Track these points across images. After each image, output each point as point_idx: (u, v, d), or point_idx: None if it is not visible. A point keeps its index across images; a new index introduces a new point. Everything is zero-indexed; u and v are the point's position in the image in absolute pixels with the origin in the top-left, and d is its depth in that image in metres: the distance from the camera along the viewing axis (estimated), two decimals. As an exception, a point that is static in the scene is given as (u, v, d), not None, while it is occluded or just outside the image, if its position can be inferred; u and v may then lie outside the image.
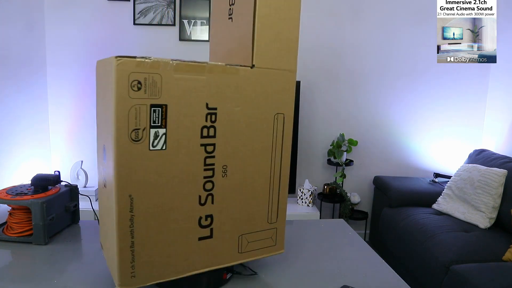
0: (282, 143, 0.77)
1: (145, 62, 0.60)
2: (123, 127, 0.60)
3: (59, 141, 2.53)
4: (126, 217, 0.63)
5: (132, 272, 0.66)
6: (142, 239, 0.65)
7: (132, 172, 0.62)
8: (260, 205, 0.77)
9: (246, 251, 0.78)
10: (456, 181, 2.24)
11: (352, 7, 2.56)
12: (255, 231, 0.78)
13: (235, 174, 0.73)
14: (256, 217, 0.77)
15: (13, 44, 2.11)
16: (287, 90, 0.76)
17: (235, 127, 0.71)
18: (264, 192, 0.77)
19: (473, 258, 1.69)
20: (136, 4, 2.43)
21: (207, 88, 0.66)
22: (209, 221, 0.71)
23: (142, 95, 0.61)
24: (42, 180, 0.97)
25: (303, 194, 2.47)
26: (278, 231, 0.81)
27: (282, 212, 0.81)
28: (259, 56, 0.71)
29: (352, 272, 0.84)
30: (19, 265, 0.85)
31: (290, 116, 0.77)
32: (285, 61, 0.74)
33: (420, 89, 2.68)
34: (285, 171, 0.79)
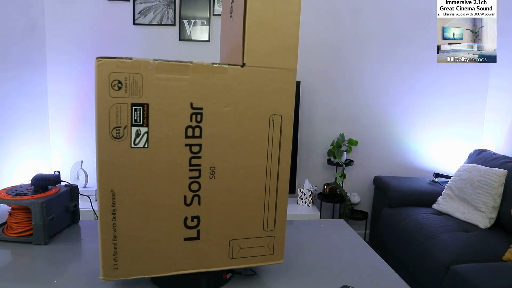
0: (279, 146, 0.72)
1: (125, 62, 0.62)
2: (104, 125, 0.63)
3: (59, 141, 2.53)
4: (108, 211, 0.65)
5: (115, 265, 0.68)
6: (124, 233, 0.67)
7: (113, 168, 0.64)
8: (254, 210, 0.73)
9: (238, 257, 0.75)
10: (456, 181, 2.24)
11: (352, 7, 2.56)
12: (248, 237, 0.74)
13: (224, 177, 0.70)
14: (249, 223, 0.74)
15: (13, 44, 2.11)
16: (285, 90, 0.70)
17: (223, 128, 0.68)
18: (258, 198, 0.73)
19: (473, 258, 1.69)
20: (136, 4, 2.43)
21: (191, 88, 0.65)
22: (196, 222, 0.70)
23: (123, 94, 0.63)
24: (42, 180, 0.97)
25: (303, 194, 2.47)
26: (276, 240, 0.76)
27: (281, 220, 0.76)
28: (250, 54, 0.68)
29: (352, 272, 0.84)
30: (19, 265, 0.85)
31: (289, 117, 0.72)
32: (282, 59, 0.69)
33: (420, 89, 2.68)
34: (284, 176, 0.74)
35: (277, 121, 0.71)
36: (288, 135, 0.73)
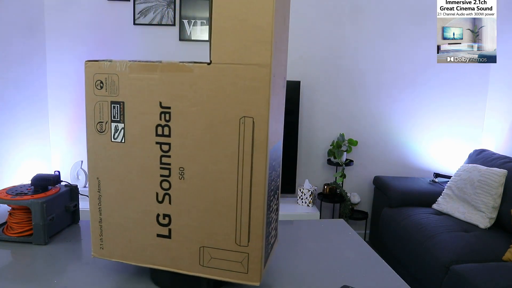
0: (252, 152, 0.64)
1: (105, 64, 0.69)
2: (91, 119, 0.73)
3: (59, 141, 2.53)
4: (95, 196, 0.74)
5: (101, 245, 0.76)
6: (107, 218, 0.74)
7: (98, 159, 0.73)
8: (225, 220, 0.68)
9: (209, 266, 0.70)
10: (456, 181, 2.24)
11: (352, 7, 2.56)
12: (219, 247, 0.69)
13: (193, 179, 0.68)
14: (220, 233, 0.68)
15: (13, 44, 2.11)
16: (257, 89, 0.62)
17: (191, 128, 0.66)
18: (229, 207, 0.67)
19: (473, 258, 1.69)
20: (136, 4, 2.43)
21: (160, 87, 0.67)
22: (167, 220, 0.70)
23: (104, 93, 0.70)
24: (42, 180, 0.97)
25: (303, 194, 2.47)
26: (251, 259, 0.68)
27: (256, 237, 0.67)
28: (217, 50, 0.63)
29: (352, 272, 0.84)
30: (19, 265, 0.85)
31: (262, 120, 0.63)
32: (252, 54, 0.62)
33: (420, 89, 2.68)
34: (258, 189, 0.65)
35: (248, 124, 0.64)
36: (262, 141, 0.64)
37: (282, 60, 0.71)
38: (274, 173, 0.73)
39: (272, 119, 0.65)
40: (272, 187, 0.73)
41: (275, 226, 0.80)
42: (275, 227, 0.79)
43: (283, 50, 0.71)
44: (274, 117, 0.67)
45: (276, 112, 0.69)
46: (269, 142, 0.65)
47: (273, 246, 0.79)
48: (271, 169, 0.70)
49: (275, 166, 0.73)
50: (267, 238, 0.70)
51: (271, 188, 0.72)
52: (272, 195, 0.73)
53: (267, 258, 0.73)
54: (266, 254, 0.72)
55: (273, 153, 0.69)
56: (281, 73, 0.72)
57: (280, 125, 0.75)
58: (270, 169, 0.68)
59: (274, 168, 0.72)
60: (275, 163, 0.72)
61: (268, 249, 0.72)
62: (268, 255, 0.73)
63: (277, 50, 0.65)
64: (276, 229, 0.81)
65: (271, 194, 0.72)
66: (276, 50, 0.64)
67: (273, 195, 0.74)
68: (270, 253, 0.76)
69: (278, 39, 0.65)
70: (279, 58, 0.67)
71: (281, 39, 0.68)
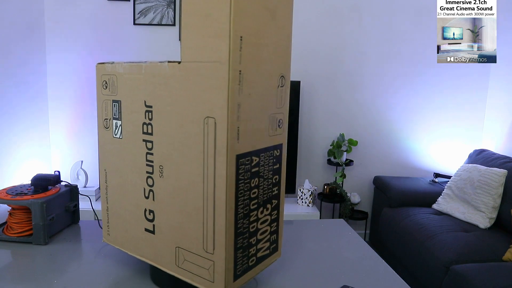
0: (214, 155, 0.61)
1: (108, 65, 0.75)
2: (100, 116, 0.78)
3: (59, 141, 2.53)
4: (104, 186, 0.81)
5: (108, 231, 0.82)
6: (112, 207, 0.80)
7: (105, 152, 0.79)
8: (194, 223, 0.66)
9: (183, 268, 0.69)
10: (456, 181, 2.24)
11: (352, 7, 2.56)
12: (190, 251, 0.67)
13: (170, 178, 0.68)
14: (191, 236, 0.67)
15: (13, 44, 2.12)
16: (216, 87, 0.59)
17: (167, 127, 0.67)
18: (198, 211, 0.65)
19: (473, 258, 1.69)
20: (136, 4, 2.43)
21: (144, 86, 0.69)
22: (152, 216, 0.72)
23: (108, 92, 0.76)
24: (42, 180, 0.97)
25: (303, 194, 2.47)
26: (216, 268, 0.64)
27: (220, 246, 0.63)
28: (185, 48, 0.61)
29: (352, 272, 0.84)
30: (19, 265, 0.85)
31: (223, 121, 0.59)
32: (213, 51, 0.58)
33: (420, 89, 2.68)
34: (220, 195, 0.61)
35: (211, 125, 0.61)
36: (223, 144, 0.60)
37: (271, 58, 0.65)
38: (260, 181, 0.68)
39: (243, 121, 0.61)
40: (259, 195, 0.68)
41: (269, 238, 0.73)
42: (268, 239, 0.73)
43: (270, 46, 0.65)
44: (248, 119, 0.62)
45: (258, 114, 0.64)
46: (238, 145, 0.61)
47: (263, 260, 0.73)
48: (251, 175, 0.65)
49: (262, 172, 0.68)
50: (240, 249, 0.66)
51: (255, 196, 0.67)
52: (258, 204, 0.68)
53: (246, 271, 0.69)
54: (242, 267, 0.67)
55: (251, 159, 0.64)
56: (271, 71, 0.66)
57: (270, 129, 0.69)
58: (247, 175, 0.64)
59: (262, 175, 0.68)
60: (263, 169, 0.68)
61: (245, 261, 0.68)
62: (248, 268, 0.69)
63: (252, 46, 0.60)
64: (271, 241, 0.74)
65: (255, 203, 0.67)
66: (249, 46, 0.59)
67: (261, 205, 0.69)
68: (253, 266, 0.70)
69: (255, 34, 0.60)
70: (259, 55, 0.63)
71: (265, 34, 0.63)
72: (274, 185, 0.73)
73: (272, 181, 0.72)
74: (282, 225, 0.77)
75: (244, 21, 0.58)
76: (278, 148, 0.72)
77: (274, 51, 0.66)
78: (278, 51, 0.67)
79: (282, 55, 0.68)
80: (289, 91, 0.73)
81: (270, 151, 0.70)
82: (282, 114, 0.71)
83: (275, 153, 0.71)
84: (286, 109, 0.73)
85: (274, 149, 0.71)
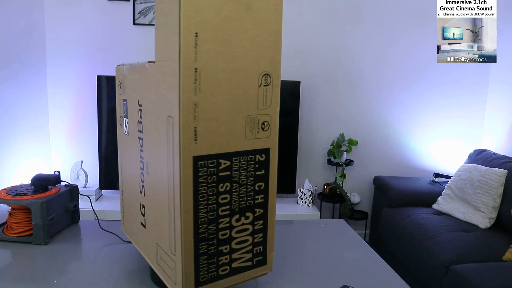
0: (173, 156, 0.60)
1: (121, 67, 0.80)
2: (117, 115, 0.84)
3: (59, 141, 2.53)
4: (120, 179, 0.87)
5: (123, 221, 0.89)
6: (124, 199, 0.87)
7: (120, 148, 0.86)
8: (165, 223, 0.65)
9: (159, 265, 0.69)
10: (456, 181, 2.24)
11: (352, 8, 2.56)
12: (164, 249, 0.67)
13: (152, 175, 0.69)
14: (163, 235, 0.66)
15: (13, 44, 2.11)
16: (172, 87, 0.58)
17: (149, 126, 0.68)
18: (165, 209, 0.65)
19: (473, 258, 1.69)
20: (136, 4, 2.43)
21: (137, 86, 0.73)
22: (144, 211, 0.74)
23: (121, 92, 0.82)
24: (42, 180, 0.97)
25: (303, 194, 2.47)
26: (177, 270, 0.63)
27: (178, 248, 0.62)
28: (157, 46, 0.62)
29: (352, 272, 0.84)
30: (19, 265, 0.85)
31: (177, 121, 0.57)
32: (169, 49, 0.57)
33: (420, 89, 2.68)
34: (177, 195, 0.60)
35: (170, 125, 0.60)
36: (177, 144, 0.58)
37: (246, 54, 0.62)
38: (235, 186, 0.65)
39: (203, 121, 0.59)
40: (232, 201, 0.65)
41: (250, 249, 0.69)
42: (249, 250, 0.69)
43: (244, 42, 0.61)
44: (210, 119, 0.60)
45: (227, 114, 0.61)
46: (195, 147, 0.59)
47: (243, 271, 0.70)
48: (219, 179, 0.62)
49: (237, 177, 0.65)
50: (204, 255, 0.64)
51: (226, 202, 0.64)
52: (231, 211, 0.65)
53: (215, 280, 0.66)
54: (209, 274, 0.65)
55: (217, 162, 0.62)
56: (247, 69, 0.62)
57: (249, 131, 0.65)
58: (212, 179, 0.62)
59: (237, 180, 0.65)
60: (237, 174, 0.65)
61: (212, 269, 0.66)
62: (217, 277, 0.66)
63: (215, 42, 0.58)
64: (255, 253, 0.70)
65: (226, 209, 0.65)
66: (209, 42, 0.57)
67: (237, 212, 0.66)
68: (226, 276, 0.68)
69: (219, 29, 0.58)
70: (227, 52, 0.60)
71: (236, 29, 0.60)
72: (258, 193, 0.68)
73: (254, 188, 0.68)
74: (271, 237, 0.72)
75: (200, 17, 0.56)
76: (263, 153, 0.67)
77: (250, 47, 0.62)
78: (257, 47, 0.63)
79: (264, 52, 0.63)
80: (278, 91, 0.67)
81: (250, 156, 0.66)
82: (268, 116, 0.67)
83: (258, 158, 0.67)
84: (275, 110, 0.68)
85: (256, 154, 0.66)
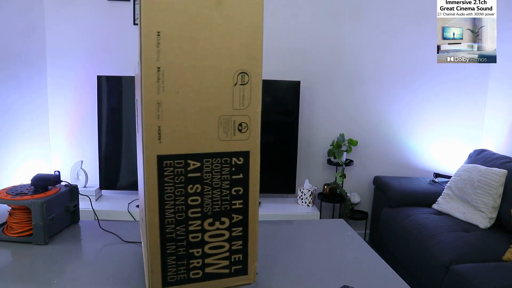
0: (142, 155, 0.62)
1: (135, 67, 0.79)
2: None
3: (59, 141, 2.53)
4: None
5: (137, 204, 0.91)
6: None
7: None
8: (142, 221, 0.73)
9: (144, 262, 0.77)
10: (456, 181, 2.23)
11: (352, 8, 2.56)
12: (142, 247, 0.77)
13: (139, 175, 0.74)
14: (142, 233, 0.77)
15: (13, 44, 2.11)
16: (140, 85, 0.61)
17: (137, 126, 0.72)
18: (142, 209, 0.72)
19: (473, 258, 1.69)
20: (136, 4, 2.43)
21: (137, 87, 0.74)
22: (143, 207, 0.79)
23: (135, 92, 0.77)
24: (42, 180, 0.97)
25: (303, 194, 2.47)
26: (145, 267, 0.67)
27: (145, 246, 0.64)
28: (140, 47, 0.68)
29: (352, 272, 0.84)
30: (19, 265, 0.85)
31: (141, 119, 0.60)
32: (139, 48, 0.60)
33: (420, 89, 2.68)
34: (141, 193, 0.64)
35: (140, 123, 0.63)
36: (141, 142, 0.59)
37: (217, 52, 0.60)
38: (206, 189, 0.63)
39: (167, 121, 0.58)
40: (204, 204, 0.64)
41: (227, 256, 0.68)
42: (226, 257, 0.68)
43: (214, 40, 0.59)
44: (176, 119, 0.59)
45: (196, 114, 0.60)
46: (160, 146, 0.59)
47: (218, 278, 0.69)
48: (187, 180, 0.62)
49: (209, 180, 0.63)
50: (172, 255, 0.64)
51: (197, 204, 0.64)
52: (203, 214, 0.65)
53: (185, 282, 0.66)
54: (178, 276, 0.65)
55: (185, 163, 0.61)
56: (219, 67, 0.60)
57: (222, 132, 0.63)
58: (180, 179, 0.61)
59: (210, 183, 0.63)
60: (209, 176, 0.63)
61: (182, 271, 0.65)
62: (188, 279, 0.66)
63: (180, 41, 0.57)
64: (232, 261, 0.69)
65: (197, 211, 0.64)
66: (173, 41, 0.57)
67: (210, 216, 0.65)
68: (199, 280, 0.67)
69: (184, 27, 0.57)
70: (195, 50, 0.58)
71: (204, 27, 0.58)
72: (235, 198, 0.66)
73: (230, 192, 0.65)
74: (253, 246, 0.70)
75: (162, 15, 0.55)
76: (241, 156, 0.64)
77: (223, 44, 0.60)
78: (231, 44, 0.60)
79: (241, 48, 0.61)
80: (258, 90, 0.64)
81: (225, 158, 0.63)
82: (247, 117, 0.63)
83: (235, 161, 0.64)
84: (255, 111, 0.64)
85: (232, 157, 0.64)
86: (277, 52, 2.53)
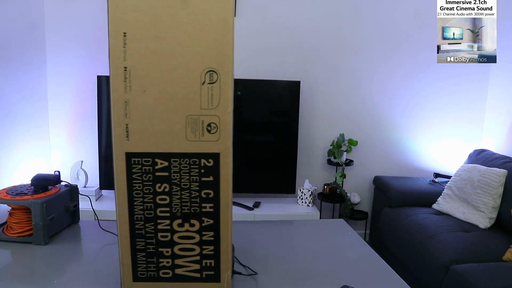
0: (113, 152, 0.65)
1: None
2: None
3: (59, 141, 2.53)
4: None
5: None
6: None
7: None
8: None
9: None
10: (456, 181, 2.23)
11: (353, 7, 2.56)
12: None
13: None
14: None
15: (13, 44, 2.11)
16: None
17: None
18: None
19: (473, 258, 1.69)
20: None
21: None
22: None
23: None
24: (42, 180, 0.97)
25: (303, 194, 2.47)
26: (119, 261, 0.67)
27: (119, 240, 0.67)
28: None
29: (352, 272, 0.84)
30: (19, 265, 0.85)
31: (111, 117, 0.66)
32: None
33: (420, 89, 2.68)
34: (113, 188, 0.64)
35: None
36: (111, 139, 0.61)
37: (184, 51, 0.59)
38: (175, 189, 0.63)
39: (135, 119, 0.60)
40: (172, 204, 0.64)
41: (198, 260, 0.67)
42: (196, 261, 0.67)
43: (180, 38, 0.58)
44: (143, 118, 0.60)
45: (163, 114, 0.60)
46: (128, 144, 0.60)
47: (189, 281, 0.68)
48: (155, 179, 0.62)
49: (177, 180, 0.63)
50: (141, 252, 0.64)
51: (165, 204, 0.63)
52: (172, 214, 0.64)
53: (154, 280, 0.67)
54: (147, 273, 0.66)
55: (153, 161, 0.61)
56: (186, 66, 0.59)
57: (190, 133, 0.61)
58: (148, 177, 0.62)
59: (178, 183, 0.63)
60: (177, 177, 0.63)
61: (152, 269, 0.66)
62: (157, 278, 0.66)
63: (146, 40, 0.58)
64: (204, 266, 0.68)
65: (165, 211, 0.64)
66: (139, 41, 0.57)
67: (179, 217, 0.65)
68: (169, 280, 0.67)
69: (150, 27, 0.57)
70: (161, 49, 0.58)
71: (170, 26, 0.58)
72: (205, 201, 0.64)
73: (200, 195, 0.64)
74: (226, 254, 0.67)
75: (128, 16, 0.56)
76: (210, 157, 0.62)
77: (190, 43, 0.58)
78: (198, 42, 0.59)
79: (208, 46, 0.59)
80: (229, 89, 0.61)
81: (193, 159, 0.62)
82: (216, 117, 0.61)
83: (204, 163, 0.62)
84: (225, 111, 0.61)
85: (201, 158, 0.62)
86: (277, 52, 2.53)
